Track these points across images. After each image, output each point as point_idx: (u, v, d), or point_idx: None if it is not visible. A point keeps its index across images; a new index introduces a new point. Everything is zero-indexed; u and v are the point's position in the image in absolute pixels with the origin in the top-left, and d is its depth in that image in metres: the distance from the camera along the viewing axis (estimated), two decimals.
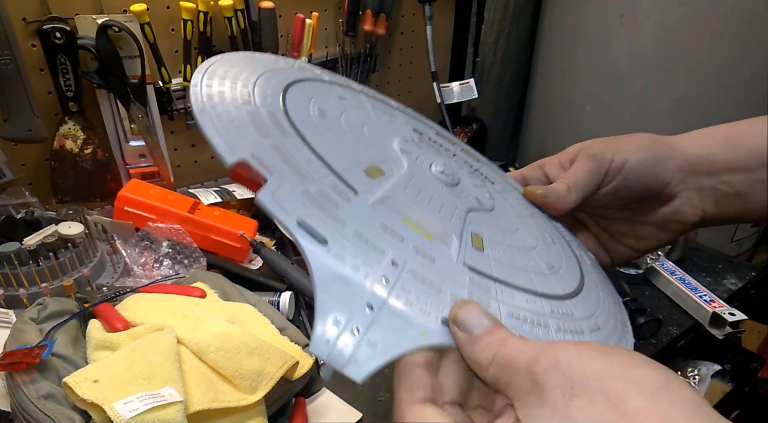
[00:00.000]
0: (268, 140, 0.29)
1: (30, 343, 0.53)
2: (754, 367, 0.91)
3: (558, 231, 0.44)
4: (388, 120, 0.43)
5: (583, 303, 0.34)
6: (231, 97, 0.32)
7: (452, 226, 0.33)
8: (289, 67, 0.42)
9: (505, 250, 0.34)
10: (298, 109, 0.35)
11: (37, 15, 0.81)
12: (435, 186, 0.36)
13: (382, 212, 0.30)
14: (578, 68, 1.17)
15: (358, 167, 0.32)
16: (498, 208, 0.40)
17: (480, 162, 0.49)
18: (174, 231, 0.81)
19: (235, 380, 0.53)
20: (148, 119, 0.91)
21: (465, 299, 0.28)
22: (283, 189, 0.27)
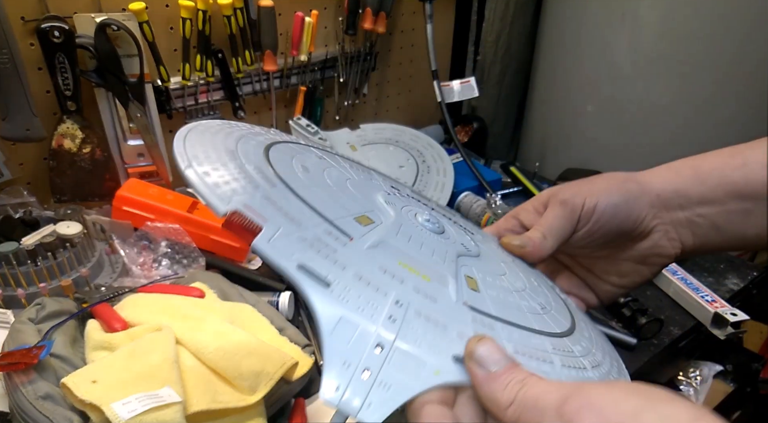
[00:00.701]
0: (259, 191, 0.29)
1: (28, 343, 0.53)
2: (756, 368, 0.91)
3: (540, 276, 0.46)
4: (367, 177, 0.45)
5: (579, 341, 0.35)
6: (216, 155, 0.32)
7: (447, 268, 0.33)
8: (264, 131, 0.42)
9: (499, 291, 0.34)
10: (283, 166, 0.34)
11: (35, 14, 0.80)
12: (423, 233, 0.36)
13: (379, 256, 0.30)
14: (579, 67, 1.17)
15: (349, 216, 0.32)
16: (483, 254, 0.40)
17: (456, 215, 0.50)
18: (173, 231, 0.81)
19: (234, 381, 0.52)
20: (146, 118, 0.91)
21: (481, 335, 0.27)
22: (279, 235, 0.26)
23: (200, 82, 0.97)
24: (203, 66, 0.94)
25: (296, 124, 1.05)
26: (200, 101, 0.99)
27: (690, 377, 0.85)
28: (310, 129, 1.04)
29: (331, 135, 1.07)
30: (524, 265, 0.45)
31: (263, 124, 1.11)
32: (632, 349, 0.73)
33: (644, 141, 1.11)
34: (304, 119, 1.06)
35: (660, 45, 1.03)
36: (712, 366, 0.87)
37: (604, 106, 1.15)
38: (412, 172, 0.99)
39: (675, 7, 1.00)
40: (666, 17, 1.01)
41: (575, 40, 1.16)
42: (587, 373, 0.31)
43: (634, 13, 1.04)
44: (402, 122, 1.15)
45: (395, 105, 1.33)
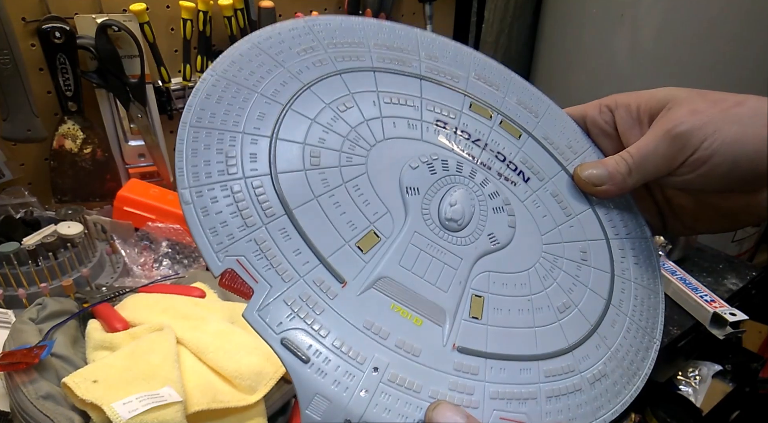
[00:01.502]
0: (254, 232, 0.29)
1: (29, 343, 0.53)
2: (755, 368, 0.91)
3: (602, 224, 0.39)
4: (404, 122, 0.37)
5: (600, 341, 0.34)
6: (217, 170, 0.30)
7: (449, 299, 0.31)
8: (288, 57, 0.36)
9: (510, 307, 0.33)
10: (290, 164, 0.32)
11: (36, 14, 0.81)
12: (440, 238, 0.33)
13: (370, 302, 0.30)
14: (579, 67, 1.17)
15: (352, 240, 0.31)
16: (517, 235, 0.36)
17: (521, 137, 0.41)
18: (173, 231, 0.81)
19: (234, 380, 0.53)
20: (147, 119, 0.91)
21: (438, 401, 0.28)
22: (267, 302, 0.28)
23: None
24: (204, 67, 0.94)
25: None
26: None
27: (689, 377, 0.86)
28: None
29: None
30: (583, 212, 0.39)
31: None
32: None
33: None
34: None
35: (660, 45, 1.04)
36: (711, 366, 0.87)
37: None
38: None
39: (675, 7, 1.00)
40: (666, 17, 1.02)
41: (574, 40, 1.16)
42: (581, 396, 0.31)
43: (634, 14, 1.04)
44: None
45: None
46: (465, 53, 0.45)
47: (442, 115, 0.39)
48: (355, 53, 0.39)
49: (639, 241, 0.40)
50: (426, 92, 0.40)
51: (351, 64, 0.38)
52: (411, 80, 0.40)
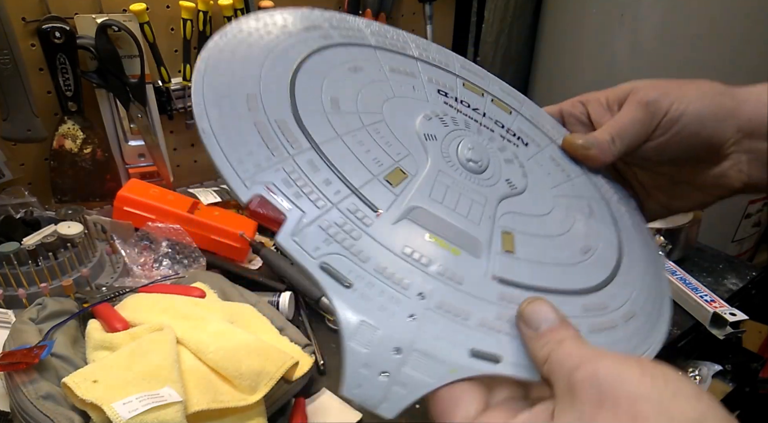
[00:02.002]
0: (282, 163, 0.28)
1: (29, 343, 0.53)
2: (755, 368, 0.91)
3: (597, 188, 0.42)
4: (410, 86, 0.40)
5: (619, 287, 0.34)
6: (237, 113, 0.30)
7: (482, 231, 0.32)
8: (296, 31, 0.38)
9: (537, 245, 0.33)
10: (310, 106, 0.33)
11: (36, 14, 0.81)
12: (463, 178, 0.34)
13: (407, 231, 0.29)
14: (578, 68, 1.17)
15: (380, 174, 0.31)
16: (530, 184, 0.38)
17: (512, 113, 0.45)
18: (173, 231, 0.81)
19: (234, 380, 0.53)
20: (147, 119, 0.91)
21: (534, 297, 0.28)
22: (301, 227, 0.26)
23: None
24: None
25: None
26: None
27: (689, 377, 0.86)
28: None
29: None
30: (580, 177, 0.42)
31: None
32: None
33: None
34: None
35: (660, 45, 1.04)
36: (711, 366, 0.87)
37: None
38: None
39: (675, 7, 1.00)
40: (666, 17, 1.02)
41: (574, 40, 1.16)
42: (616, 332, 0.31)
43: (633, 14, 1.04)
44: None
45: None
46: (447, 51, 0.48)
47: (442, 86, 0.42)
48: (355, 35, 0.41)
49: (628, 205, 0.43)
50: (423, 70, 0.43)
51: (353, 41, 0.40)
52: (408, 60, 0.43)
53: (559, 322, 0.27)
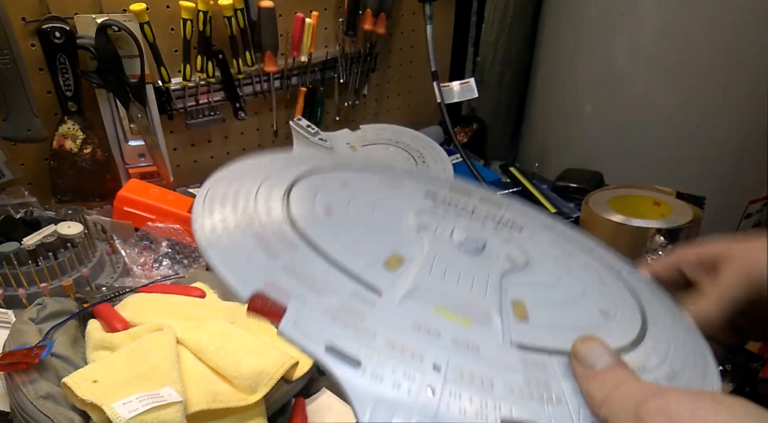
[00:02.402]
0: (279, 261, 0.29)
1: (29, 343, 0.53)
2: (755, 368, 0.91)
3: (602, 262, 0.41)
4: (398, 192, 0.42)
5: (653, 346, 0.32)
6: (234, 222, 0.31)
7: (489, 301, 0.31)
8: (287, 163, 0.41)
9: (552, 311, 0.32)
10: (304, 213, 0.34)
11: (36, 14, 0.81)
12: (461, 258, 0.34)
13: (412, 308, 0.28)
14: (578, 68, 1.17)
15: (377, 262, 0.31)
16: (533, 260, 0.37)
17: (502, 207, 0.46)
18: (173, 231, 0.81)
19: (234, 380, 0.53)
20: (147, 119, 0.91)
21: (587, 335, 0.27)
22: (303, 314, 0.26)
23: (201, 82, 0.97)
24: (204, 67, 0.94)
25: (297, 124, 1.05)
26: (201, 102, 0.99)
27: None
28: (310, 129, 1.04)
29: (332, 135, 1.07)
30: (584, 254, 0.41)
31: (263, 124, 1.12)
32: None
33: (643, 141, 1.11)
34: (304, 120, 1.06)
35: (660, 45, 1.04)
36: None
37: (603, 106, 1.15)
38: None
39: (675, 8, 1.00)
40: (666, 17, 1.02)
41: (574, 41, 1.16)
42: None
43: (633, 14, 1.04)
44: (402, 123, 1.15)
45: (395, 106, 1.33)
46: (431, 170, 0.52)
47: (430, 191, 0.44)
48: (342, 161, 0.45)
49: (638, 276, 0.43)
50: (410, 181, 0.45)
51: (341, 165, 0.44)
52: (395, 176, 0.46)
53: (617, 361, 0.26)
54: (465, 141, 1.29)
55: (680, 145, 1.08)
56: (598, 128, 1.17)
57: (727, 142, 1.06)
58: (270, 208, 0.33)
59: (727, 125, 1.05)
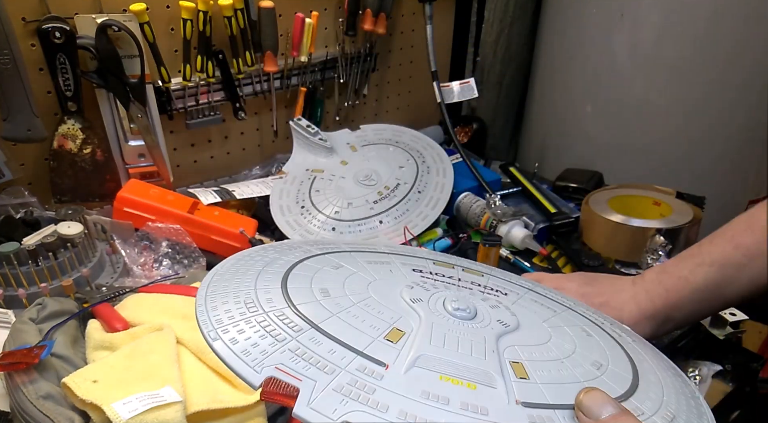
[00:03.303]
0: (286, 344, 0.30)
1: (29, 343, 0.53)
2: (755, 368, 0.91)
3: (586, 317, 0.44)
4: (387, 270, 0.45)
5: (647, 393, 0.34)
6: (237, 313, 0.33)
7: (490, 364, 0.33)
8: (279, 253, 0.43)
9: (550, 368, 0.34)
10: (303, 298, 0.36)
11: (36, 14, 0.81)
12: (457, 325, 0.37)
13: (419, 377, 0.30)
14: (579, 67, 1.17)
15: (379, 336, 0.33)
16: (522, 322, 0.40)
17: (484, 275, 0.50)
18: (173, 231, 0.81)
19: (234, 380, 0.53)
20: (147, 119, 0.91)
21: (590, 387, 0.29)
22: (315, 393, 0.27)
23: (201, 82, 0.97)
24: (204, 67, 0.94)
25: (296, 124, 1.05)
26: (201, 102, 0.99)
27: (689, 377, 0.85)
28: (310, 129, 1.04)
29: (332, 135, 1.07)
30: (567, 311, 0.45)
31: (263, 124, 1.12)
32: None
33: (643, 141, 1.11)
34: (304, 120, 1.06)
35: (660, 45, 1.04)
36: (711, 366, 0.86)
37: (603, 106, 1.15)
38: (412, 173, 0.99)
39: (675, 7, 1.00)
40: (666, 17, 1.02)
41: (574, 41, 1.16)
42: None
43: (633, 14, 1.04)
44: (402, 123, 1.15)
45: (395, 106, 1.33)
46: (411, 248, 0.57)
47: (415, 266, 0.47)
48: (330, 246, 0.48)
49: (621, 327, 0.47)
50: (395, 259, 0.49)
51: (330, 250, 0.47)
52: (380, 255, 0.49)
53: (620, 409, 0.27)
54: (465, 141, 1.30)
55: (680, 145, 1.08)
56: (598, 128, 1.17)
57: (727, 141, 1.06)
58: (270, 297, 0.35)
59: (727, 125, 1.05)
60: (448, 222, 0.99)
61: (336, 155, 1.04)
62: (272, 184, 0.99)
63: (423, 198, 0.95)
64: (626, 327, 0.47)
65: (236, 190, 0.96)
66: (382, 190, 0.96)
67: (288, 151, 1.07)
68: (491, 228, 0.93)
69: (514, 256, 0.90)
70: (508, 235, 0.90)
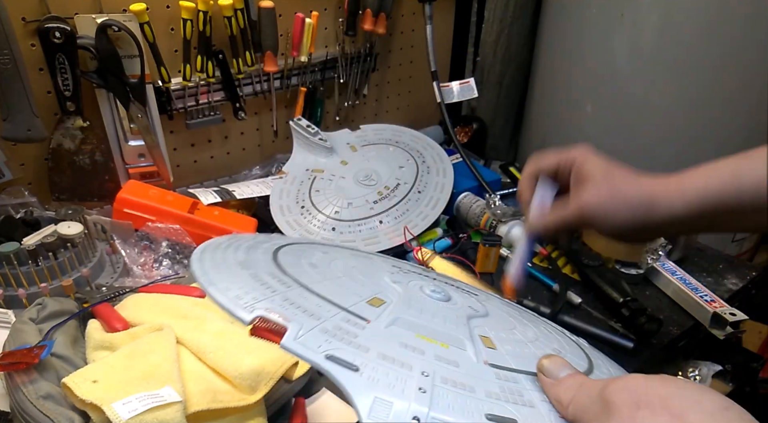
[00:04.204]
0: (277, 294, 0.32)
1: (29, 343, 0.53)
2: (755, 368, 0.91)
3: (548, 324, 0.49)
4: (370, 262, 0.48)
5: (606, 368, 0.38)
6: (234, 261, 0.36)
7: (461, 332, 0.35)
8: (268, 238, 0.46)
9: (514, 345, 0.37)
10: (292, 266, 0.38)
11: (36, 14, 0.81)
12: (432, 303, 0.40)
13: (397, 332, 0.32)
14: (578, 68, 1.17)
15: (362, 301, 0.35)
16: (491, 312, 0.43)
17: (456, 282, 0.54)
18: (173, 231, 0.81)
19: (234, 380, 0.53)
20: (147, 119, 0.91)
21: (550, 354, 0.32)
22: (303, 332, 0.29)
23: (201, 82, 0.97)
24: (204, 67, 0.94)
25: (296, 124, 1.05)
26: (201, 102, 0.99)
27: (689, 377, 0.85)
28: (310, 129, 1.04)
29: (332, 135, 1.07)
30: (531, 315, 0.49)
31: (263, 124, 1.12)
32: (630, 352, 0.73)
33: (644, 141, 1.11)
34: (304, 120, 1.06)
35: (660, 45, 1.03)
36: (711, 366, 0.87)
37: (603, 106, 1.15)
38: (412, 173, 0.99)
39: (675, 7, 1.00)
40: (666, 17, 1.02)
41: (574, 40, 1.16)
42: None
43: (634, 14, 1.04)
44: (402, 123, 1.15)
45: (395, 106, 1.33)
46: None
47: (394, 263, 0.50)
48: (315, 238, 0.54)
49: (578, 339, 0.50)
50: (375, 256, 0.52)
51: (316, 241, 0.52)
52: (362, 253, 0.53)
53: (576, 370, 0.31)
54: (465, 141, 1.30)
55: (680, 145, 1.08)
56: (598, 128, 1.17)
57: (727, 141, 1.06)
58: (260, 259, 0.38)
59: (727, 125, 1.05)
60: (448, 222, 0.99)
61: (336, 155, 1.04)
62: (272, 184, 0.99)
63: (423, 198, 0.95)
64: (583, 341, 0.51)
65: (236, 190, 0.96)
66: (382, 190, 0.96)
67: (288, 151, 1.07)
68: (491, 228, 0.93)
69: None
70: (508, 235, 0.90)
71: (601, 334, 0.75)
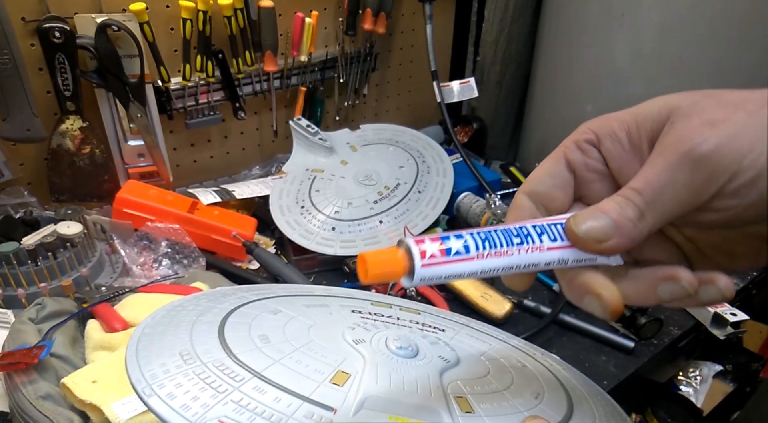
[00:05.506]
0: (228, 396, 0.29)
1: (28, 343, 0.53)
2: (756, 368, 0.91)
3: (519, 348, 0.47)
4: (327, 313, 0.45)
5: (582, 416, 0.36)
6: (176, 351, 0.33)
7: (435, 401, 0.33)
8: (212, 302, 0.42)
9: (491, 401, 0.35)
10: (243, 346, 0.35)
11: (36, 14, 0.81)
12: (401, 364, 0.37)
13: (368, 418, 0.30)
14: (579, 67, 1.17)
15: (325, 380, 0.32)
16: (461, 356, 0.41)
17: (420, 313, 0.51)
18: (173, 231, 0.81)
19: None
20: (147, 118, 0.91)
21: (532, 415, 0.31)
22: None
23: (201, 82, 0.97)
24: (204, 66, 0.94)
25: (296, 124, 1.05)
26: (201, 102, 0.99)
27: (690, 377, 0.86)
28: (310, 129, 1.04)
29: (331, 135, 1.07)
30: (500, 342, 0.47)
31: (263, 124, 1.12)
32: (631, 352, 0.73)
33: None
34: (304, 120, 1.06)
35: (660, 45, 1.03)
36: (712, 366, 0.87)
37: (604, 106, 1.15)
38: (412, 173, 0.99)
39: (675, 7, 1.00)
40: (666, 17, 1.01)
41: (574, 40, 1.16)
42: None
43: (634, 14, 1.04)
44: (402, 123, 1.15)
45: (395, 105, 1.33)
46: (349, 290, 0.56)
47: (354, 308, 0.48)
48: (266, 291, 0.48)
49: (551, 356, 0.49)
50: (333, 301, 0.49)
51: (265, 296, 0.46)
52: (317, 298, 0.49)
53: None
54: (465, 141, 1.29)
55: None
56: None
57: None
58: (207, 347, 0.34)
59: None
60: (448, 222, 0.99)
61: (336, 155, 1.04)
62: (272, 183, 0.99)
63: (423, 198, 0.95)
64: (556, 357, 0.49)
65: (236, 190, 0.96)
66: (382, 189, 0.96)
67: (288, 150, 1.07)
68: None
69: None
70: None
71: (601, 334, 0.75)
